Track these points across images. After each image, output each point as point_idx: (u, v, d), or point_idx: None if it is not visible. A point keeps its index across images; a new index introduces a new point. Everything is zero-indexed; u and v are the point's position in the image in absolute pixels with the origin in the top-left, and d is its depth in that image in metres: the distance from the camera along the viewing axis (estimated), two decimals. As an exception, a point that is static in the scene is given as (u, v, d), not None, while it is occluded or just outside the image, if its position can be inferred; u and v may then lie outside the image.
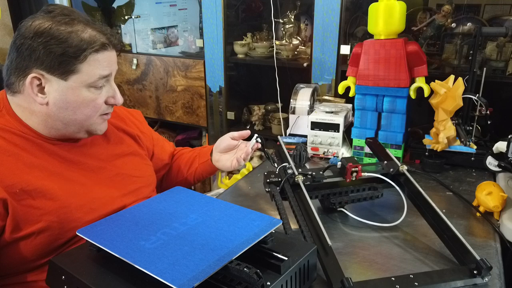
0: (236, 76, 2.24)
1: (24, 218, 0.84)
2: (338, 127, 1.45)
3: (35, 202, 0.85)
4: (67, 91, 0.87)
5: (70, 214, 0.89)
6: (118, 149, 1.06)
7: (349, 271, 0.88)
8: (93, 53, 0.86)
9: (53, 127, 0.91)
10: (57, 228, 0.87)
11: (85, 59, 0.85)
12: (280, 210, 0.95)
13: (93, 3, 2.63)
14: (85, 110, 0.90)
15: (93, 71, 0.87)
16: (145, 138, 1.17)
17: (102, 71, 0.89)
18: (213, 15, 2.04)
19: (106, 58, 0.89)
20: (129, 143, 1.10)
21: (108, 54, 0.90)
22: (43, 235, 0.85)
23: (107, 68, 0.90)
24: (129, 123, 1.14)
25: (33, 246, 0.85)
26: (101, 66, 0.88)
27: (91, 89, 0.89)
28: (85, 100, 0.89)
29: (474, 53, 1.32)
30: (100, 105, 0.92)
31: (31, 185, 0.85)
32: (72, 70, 0.85)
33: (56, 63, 0.84)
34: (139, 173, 1.08)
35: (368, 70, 1.34)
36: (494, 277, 0.84)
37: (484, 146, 1.36)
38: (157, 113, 2.44)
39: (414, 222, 1.06)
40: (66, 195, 0.89)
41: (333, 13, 1.74)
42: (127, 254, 0.70)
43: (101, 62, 0.88)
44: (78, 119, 0.90)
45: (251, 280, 0.65)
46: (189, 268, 0.65)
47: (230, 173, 2.34)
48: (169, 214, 0.85)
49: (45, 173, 0.88)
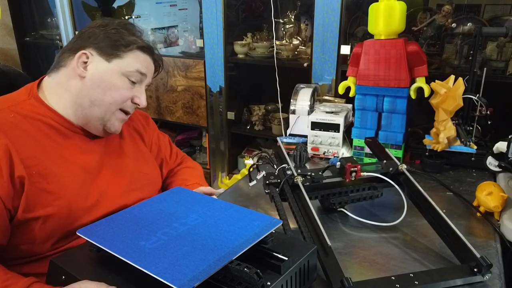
0: (236, 76, 2.24)
1: (36, 200, 0.87)
2: (338, 127, 1.45)
3: (49, 187, 0.89)
4: (106, 71, 0.97)
5: (80, 203, 0.92)
6: (128, 145, 1.12)
7: (349, 271, 0.87)
8: (139, 50, 1.00)
9: (80, 105, 0.97)
10: (66, 214, 0.90)
11: (131, 51, 0.99)
12: (280, 211, 0.95)
13: (93, 3, 2.63)
14: (114, 93, 0.98)
15: (133, 63, 0.99)
16: (149, 140, 1.20)
17: (140, 67, 1.00)
18: (213, 15, 2.04)
19: (147, 61, 1.03)
20: (138, 141, 1.16)
21: (150, 60, 1.04)
22: (52, 220, 0.88)
23: (145, 68, 1.02)
24: (137, 121, 1.19)
25: (43, 230, 0.88)
26: (140, 63, 1.01)
27: (125, 79, 0.99)
28: (117, 85, 0.98)
29: (474, 53, 1.32)
30: (127, 97, 1.00)
31: (47, 169, 0.90)
32: (118, 55, 0.98)
33: (108, 45, 0.97)
34: (146, 170, 1.12)
35: (368, 70, 1.34)
36: (494, 277, 0.84)
37: (484, 146, 1.36)
38: (157, 113, 2.44)
39: (414, 222, 1.06)
40: (78, 183, 0.94)
41: (333, 13, 1.74)
42: (127, 254, 0.70)
43: (142, 60, 1.01)
44: (105, 101, 0.97)
45: (251, 280, 0.65)
46: (189, 268, 0.65)
47: (230, 173, 2.34)
48: (170, 214, 0.85)
49: (62, 160, 0.93)
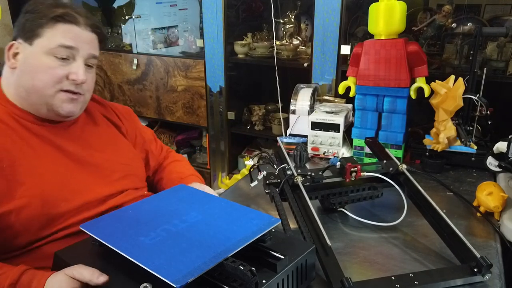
0: (236, 76, 2.24)
1: (7, 193, 0.87)
2: (339, 127, 1.45)
3: (20, 178, 0.89)
4: (30, 55, 0.93)
5: (55, 192, 0.92)
6: (106, 136, 1.09)
7: (349, 271, 0.87)
8: (56, 21, 0.93)
9: (21, 96, 0.95)
10: (40, 203, 0.90)
11: (48, 26, 0.92)
12: (280, 211, 0.95)
13: (93, 3, 2.63)
14: (42, 76, 0.92)
15: (53, 38, 0.92)
16: (131, 133, 1.18)
17: (63, 40, 0.93)
18: (213, 15, 2.04)
19: (71, 31, 0.94)
20: (116, 134, 1.13)
21: (77, 29, 0.95)
22: (27, 210, 0.88)
23: (71, 40, 0.93)
24: (116, 116, 1.16)
25: (20, 221, 0.88)
26: (61, 35, 0.93)
27: (51, 57, 0.92)
28: (43, 66, 0.92)
29: (474, 53, 1.31)
30: (59, 77, 0.93)
31: (17, 161, 0.90)
32: (37, 34, 0.92)
33: (28, 28, 0.93)
34: (126, 161, 1.10)
35: (369, 70, 1.34)
36: (494, 277, 0.84)
37: (484, 146, 1.36)
38: (157, 113, 2.44)
39: (414, 222, 1.06)
40: (51, 172, 0.93)
41: (333, 13, 1.74)
42: (126, 249, 0.72)
43: (63, 32, 0.93)
44: (36, 86, 0.93)
45: (246, 278, 0.65)
46: (185, 264, 0.66)
47: (231, 173, 2.34)
48: (170, 211, 0.86)
49: (32, 153, 0.93)
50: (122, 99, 2.52)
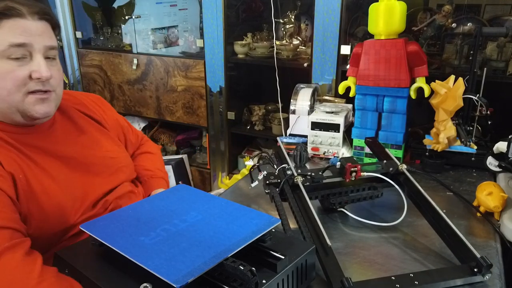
0: (236, 76, 2.24)
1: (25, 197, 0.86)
2: (339, 127, 1.45)
3: (35, 186, 0.87)
4: None
5: (66, 204, 0.91)
6: (87, 133, 1.05)
7: (349, 271, 0.87)
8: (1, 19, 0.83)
9: None
10: (58, 212, 0.89)
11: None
12: (280, 211, 0.95)
13: (93, 3, 2.63)
14: (3, 83, 0.85)
15: (2, 38, 0.83)
16: (111, 122, 1.16)
17: (11, 38, 0.84)
18: (213, 15, 2.04)
19: (19, 26, 0.85)
20: (96, 127, 1.09)
21: (22, 22, 0.85)
22: (43, 225, 0.87)
23: (21, 37, 0.85)
24: (91, 108, 1.12)
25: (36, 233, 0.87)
26: (8, 33, 0.84)
27: (6, 60, 0.84)
28: (1, 72, 0.84)
29: (474, 53, 1.31)
30: (22, 79, 0.86)
31: (27, 175, 0.87)
32: None
33: None
34: (114, 154, 1.08)
35: (369, 70, 1.34)
36: (494, 277, 0.84)
37: (484, 146, 1.36)
38: (157, 113, 2.44)
39: (414, 222, 1.06)
40: (55, 187, 0.91)
41: (333, 13, 1.74)
42: (126, 249, 0.72)
43: (10, 29, 0.84)
44: (1, 95, 0.86)
45: (245, 278, 0.65)
46: (185, 264, 0.66)
47: (231, 173, 2.34)
48: (171, 211, 0.86)
49: (32, 165, 0.89)
50: (122, 99, 2.52)
